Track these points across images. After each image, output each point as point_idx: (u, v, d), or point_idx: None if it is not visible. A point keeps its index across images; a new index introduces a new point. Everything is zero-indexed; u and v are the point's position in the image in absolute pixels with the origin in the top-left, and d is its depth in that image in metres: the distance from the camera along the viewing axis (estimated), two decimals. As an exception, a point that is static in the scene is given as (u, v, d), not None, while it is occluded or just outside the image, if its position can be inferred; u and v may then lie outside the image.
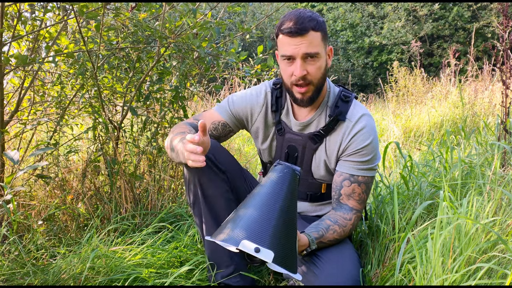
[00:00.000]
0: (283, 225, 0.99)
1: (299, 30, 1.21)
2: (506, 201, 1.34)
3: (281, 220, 0.99)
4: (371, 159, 1.33)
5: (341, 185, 1.34)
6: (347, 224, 1.31)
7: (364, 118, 1.33)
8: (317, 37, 1.24)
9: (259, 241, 0.95)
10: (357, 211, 1.35)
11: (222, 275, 1.37)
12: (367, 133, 1.31)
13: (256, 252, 0.93)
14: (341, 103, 1.35)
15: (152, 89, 2.09)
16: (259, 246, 0.94)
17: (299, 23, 1.21)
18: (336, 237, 1.29)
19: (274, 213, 1.00)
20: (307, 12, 1.26)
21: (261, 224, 0.98)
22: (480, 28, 12.19)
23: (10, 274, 1.42)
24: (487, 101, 4.05)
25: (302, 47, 1.22)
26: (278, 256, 0.95)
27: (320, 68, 1.27)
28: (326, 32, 1.29)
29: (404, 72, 5.27)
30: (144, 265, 1.51)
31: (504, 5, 2.09)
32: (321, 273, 1.27)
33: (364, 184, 1.33)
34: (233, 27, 10.73)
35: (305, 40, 1.22)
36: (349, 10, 14.04)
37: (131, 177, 1.99)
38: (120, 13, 1.76)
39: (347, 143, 1.33)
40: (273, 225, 0.98)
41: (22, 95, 1.92)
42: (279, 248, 0.96)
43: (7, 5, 1.69)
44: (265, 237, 0.96)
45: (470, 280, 1.00)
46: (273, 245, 0.95)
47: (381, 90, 6.80)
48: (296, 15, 1.24)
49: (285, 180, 1.06)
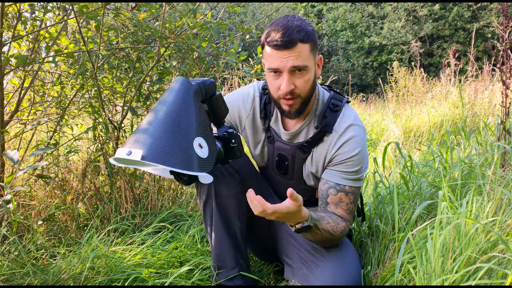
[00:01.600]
0: (163, 126, 0.98)
1: (286, 43, 1.14)
2: (506, 201, 1.34)
3: (161, 122, 0.99)
4: (358, 170, 1.27)
5: (327, 193, 1.29)
6: (339, 223, 1.25)
7: (352, 128, 1.27)
8: (305, 49, 1.17)
9: (131, 145, 0.95)
10: (347, 220, 1.29)
11: (225, 277, 1.37)
12: (353, 143, 1.26)
13: (128, 155, 0.93)
14: (329, 112, 1.30)
15: (152, 89, 2.09)
16: (130, 149, 0.94)
17: (286, 35, 1.14)
18: (329, 229, 1.22)
19: (153, 116, 1.00)
20: (296, 21, 1.17)
21: (138, 129, 1.00)
22: (480, 28, 12.19)
23: (10, 274, 1.42)
24: (487, 101, 4.05)
25: (290, 61, 1.16)
26: (156, 152, 0.94)
27: (308, 81, 1.21)
28: (315, 42, 1.22)
29: (404, 72, 5.27)
30: (144, 265, 1.51)
31: (504, 5, 2.09)
32: (322, 273, 1.27)
33: (352, 194, 1.28)
34: (233, 27, 10.74)
35: (292, 53, 1.15)
36: (349, 10, 14.05)
37: (131, 177, 1.99)
38: (120, 13, 1.76)
39: (332, 155, 1.28)
40: (148, 128, 0.98)
41: (22, 95, 1.92)
42: (156, 146, 0.95)
43: (7, 5, 1.69)
44: (140, 140, 0.96)
45: (470, 280, 1.00)
46: (145, 145, 0.94)
47: (381, 90, 6.81)
48: (283, 25, 1.16)
49: (174, 87, 1.05)
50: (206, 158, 1.04)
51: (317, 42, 1.23)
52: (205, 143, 1.05)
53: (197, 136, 1.03)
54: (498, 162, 1.48)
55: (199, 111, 1.07)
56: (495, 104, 3.94)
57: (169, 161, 0.95)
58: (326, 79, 8.51)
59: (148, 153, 0.93)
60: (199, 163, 1.01)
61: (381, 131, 4.94)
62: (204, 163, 1.03)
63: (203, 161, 1.02)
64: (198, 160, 1.00)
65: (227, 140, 1.14)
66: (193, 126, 1.03)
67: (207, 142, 1.06)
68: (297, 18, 1.19)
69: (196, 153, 1.01)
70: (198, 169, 1.00)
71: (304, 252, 1.38)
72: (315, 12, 15.56)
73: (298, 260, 1.39)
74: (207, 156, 1.04)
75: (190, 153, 1.00)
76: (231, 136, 1.14)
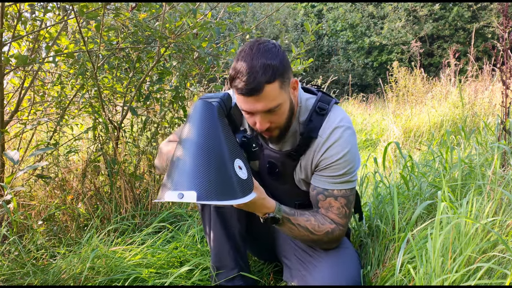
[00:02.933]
0: (204, 159, 0.95)
1: (251, 91, 1.08)
2: (506, 201, 1.34)
3: (200, 156, 0.95)
4: (346, 172, 1.22)
5: (316, 199, 1.27)
6: (325, 223, 1.24)
7: (336, 131, 1.21)
8: (274, 89, 1.10)
9: (179, 186, 0.93)
10: (339, 224, 1.26)
11: (225, 278, 1.37)
12: (338, 147, 1.21)
13: (181, 198, 0.91)
14: (315, 116, 1.24)
15: (152, 89, 2.09)
16: (180, 191, 0.91)
17: (250, 81, 1.07)
18: (307, 226, 1.22)
19: (190, 152, 0.97)
20: (261, 56, 1.09)
21: (178, 168, 0.96)
22: (480, 28, 12.19)
23: (10, 274, 1.42)
24: (487, 101, 4.05)
25: (259, 106, 1.11)
26: (208, 190, 0.92)
27: (283, 113, 1.17)
28: (284, 72, 1.13)
29: (404, 72, 5.27)
30: (144, 265, 1.51)
31: (504, 5, 2.09)
32: (320, 273, 1.26)
33: (343, 197, 1.24)
34: (233, 27, 10.74)
35: (260, 99, 1.09)
36: (349, 10, 14.05)
37: (131, 177, 1.99)
38: (120, 13, 1.76)
39: (318, 159, 1.24)
40: (190, 165, 0.95)
41: (22, 95, 1.92)
42: (205, 183, 0.92)
43: (7, 5, 1.69)
44: (184, 179, 0.93)
45: (470, 280, 1.00)
46: (195, 184, 0.92)
47: (381, 90, 6.81)
48: (247, 69, 1.07)
49: (197, 115, 1.01)
50: (247, 178, 1.03)
51: (287, 71, 1.14)
52: (242, 163, 1.04)
53: (235, 159, 1.02)
54: (498, 162, 1.48)
55: (227, 131, 1.05)
56: (495, 104, 3.94)
57: (222, 195, 0.93)
58: (326, 79, 8.51)
59: (201, 193, 0.91)
60: (245, 186, 1.01)
61: (381, 131, 4.94)
62: (248, 183, 1.03)
63: (247, 181, 1.02)
64: (244, 184, 1.00)
65: (247, 146, 1.13)
66: (228, 150, 1.01)
67: (243, 161, 1.05)
68: (263, 50, 1.10)
69: (240, 178, 1.00)
70: (247, 192, 1.00)
71: (301, 253, 1.37)
72: (315, 12, 15.57)
73: (295, 261, 1.38)
74: (247, 176, 1.04)
75: (236, 179, 0.99)
76: (250, 141, 1.13)
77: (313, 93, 1.33)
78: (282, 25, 12.93)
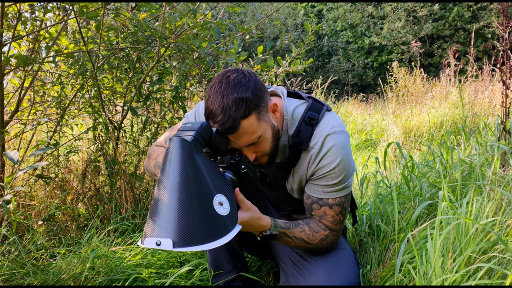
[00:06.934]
0: (180, 204, 0.93)
1: (228, 130, 1.05)
2: (506, 202, 1.34)
3: (177, 200, 0.93)
4: (341, 180, 1.20)
5: (310, 208, 1.25)
6: (319, 231, 1.23)
7: (329, 139, 1.17)
8: (252, 123, 1.06)
9: (156, 234, 0.91)
10: (333, 230, 1.25)
11: (224, 279, 1.37)
12: (332, 155, 1.17)
13: (158, 245, 0.90)
14: (304, 126, 1.19)
15: (152, 89, 2.09)
16: (158, 238, 0.90)
17: (225, 119, 1.03)
18: (303, 237, 1.21)
19: (168, 196, 0.94)
20: (231, 92, 1.04)
21: (156, 214, 0.94)
22: (480, 28, 12.20)
23: (10, 274, 1.42)
24: (487, 101, 4.05)
25: (241, 142, 1.09)
26: (184, 237, 0.90)
27: (267, 142, 1.14)
28: (259, 102, 1.07)
29: (404, 73, 5.28)
30: (144, 265, 1.51)
31: (504, 5, 2.09)
32: (315, 278, 1.25)
33: (337, 205, 1.22)
34: (233, 27, 10.74)
35: (239, 135, 1.07)
36: (349, 11, 14.06)
37: (131, 177, 1.99)
38: (120, 13, 1.76)
39: (313, 170, 1.21)
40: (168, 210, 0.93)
41: (22, 95, 1.92)
42: (182, 229, 0.91)
43: (7, 5, 1.69)
44: (161, 226, 0.91)
45: (470, 280, 1.00)
46: (171, 232, 0.90)
47: (381, 90, 6.81)
48: (219, 108, 1.04)
49: (172, 155, 0.98)
50: (230, 212, 1.01)
51: (261, 99, 1.09)
52: (223, 197, 1.01)
53: (215, 195, 0.99)
54: (498, 163, 1.48)
55: (207, 164, 1.02)
56: (495, 104, 3.94)
57: (200, 239, 0.92)
58: (326, 79, 8.51)
59: (177, 239, 0.90)
60: (227, 222, 0.99)
61: (381, 131, 4.94)
62: (230, 217, 1.00)
63: (229, 216, 1.00)
64: (225, 220, 0.98)
65: (237, 167, 1.12)
66: (207, 187, 0.98)
67: (224, 194, 1.02)
68: (233, 84, 1.05)
69: (220, 215, 0.97)
70: (230, 229, 0.98)
71: (296, 256, 1.36)
72: (315, 12, 15.57)
73: (290, 266, 1.37)
74: (229, 210, 1.01)
75: (216, 219, 0.96)
76: (239, 162, 1.11)
77: (301, 97, 1.28)
78: (282, 25, 12.93)
